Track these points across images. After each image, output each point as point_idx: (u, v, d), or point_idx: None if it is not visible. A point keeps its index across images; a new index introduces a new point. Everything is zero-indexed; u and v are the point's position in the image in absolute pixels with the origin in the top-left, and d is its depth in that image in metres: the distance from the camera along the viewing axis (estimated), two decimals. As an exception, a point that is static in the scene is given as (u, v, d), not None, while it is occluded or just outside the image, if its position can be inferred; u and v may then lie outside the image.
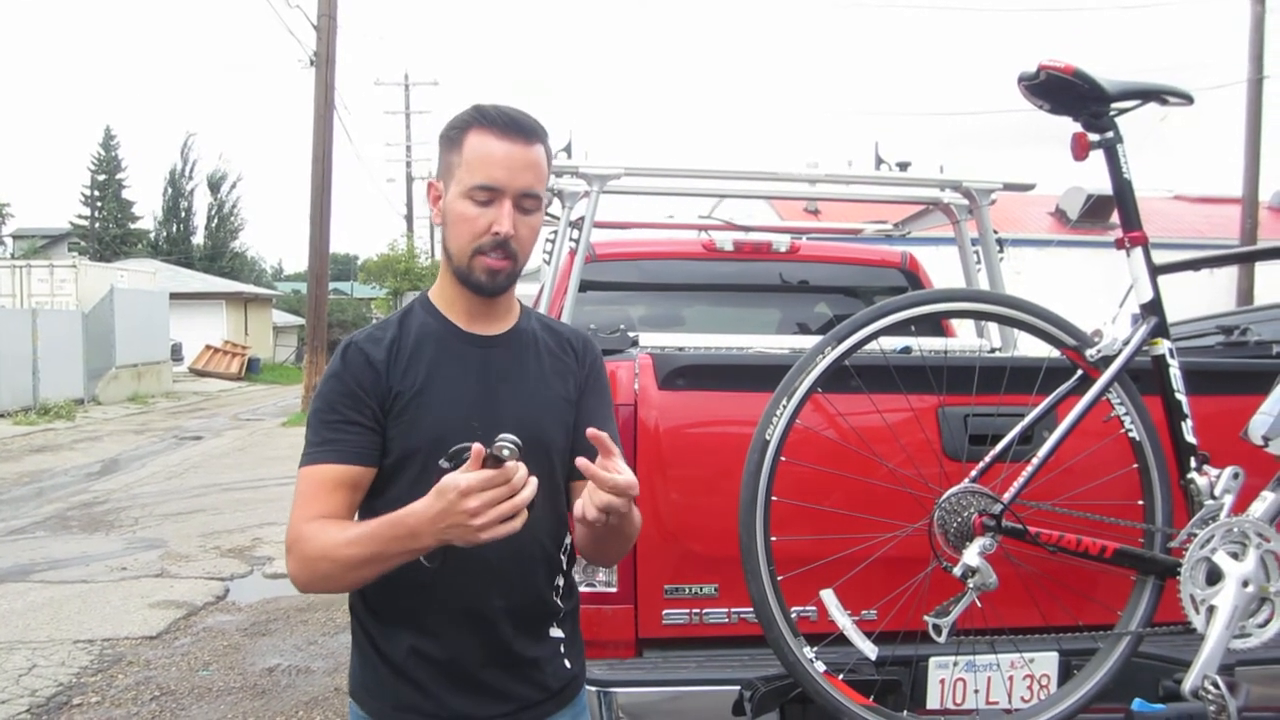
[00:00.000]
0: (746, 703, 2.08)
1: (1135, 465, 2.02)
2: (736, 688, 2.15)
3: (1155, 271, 2.07)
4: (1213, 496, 1.98)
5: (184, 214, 49.43)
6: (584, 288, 3.75)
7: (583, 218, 3.64)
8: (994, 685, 2.29)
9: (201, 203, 49.97)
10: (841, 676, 1.86)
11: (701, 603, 2.35)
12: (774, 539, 1.84)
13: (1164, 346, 2.03)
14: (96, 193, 46.41)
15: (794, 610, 1.94)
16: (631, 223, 4.82)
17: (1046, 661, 2.34)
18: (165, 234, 48.59)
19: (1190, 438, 2.02)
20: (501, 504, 1.37)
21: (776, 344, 3.45)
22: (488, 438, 1.39)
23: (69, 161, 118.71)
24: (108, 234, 45.51)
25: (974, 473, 1.92)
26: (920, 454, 2.25)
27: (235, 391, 26.09)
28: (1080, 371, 2.01)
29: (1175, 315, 2.55)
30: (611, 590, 2.35)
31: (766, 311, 4.54)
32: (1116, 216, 2.12)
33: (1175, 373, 2.03)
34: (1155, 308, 2.04)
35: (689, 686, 2.27)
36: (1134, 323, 2.03)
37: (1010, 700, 2.30)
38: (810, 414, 2.13)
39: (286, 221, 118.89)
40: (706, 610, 2.35)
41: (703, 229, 4.55)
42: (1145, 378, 2.06)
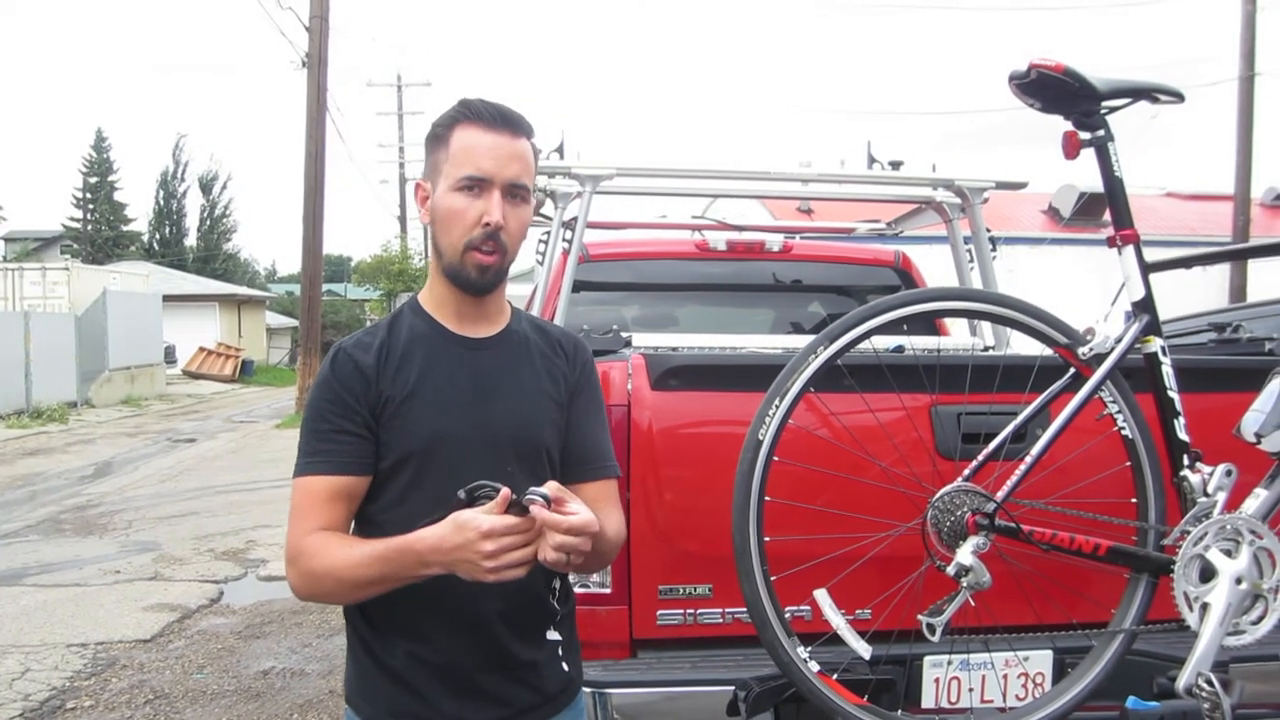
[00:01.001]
0: (741, 703, 2.07)
1: (1128, 463, 2.02)
2: (731, 688, 2.15)
3: (1147, 269, 2.07)
4: (1205, 494, 1.99)
5: (176, 216, 49.26)
6: (577, 288, 3.75)
7: (575, 218, 3.64)
8: (989, 684, 2.30)
9: (194, 205, 49.94)
10: (835, 676, 1.85)
11: (696, 603, 2.35)
12: (767, 539, 1.83)
13: (1156, 344, 2.03)
14: (88, 195, 46.22)
15: (788, 610, 1.94)
16: (624, 223, 4.82)
17: (1041, 660, 2.34)
18: (158, 236, 48.42)
19: (1183, 435, 2.02)
20: (516, 551, 1.41)
21: (770, 344, 3.45)
22: (481, 441, 1.39)
23: (60, 164, 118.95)
24: (100, 236, 45.40)
25: (967, 471, 1.92)
26: (914, 453, 2.25)
27: (229, 394, 26.04)
28: (1073, 370, 2.01)
29: (1169, 313, 2.56)
30: (606, 591, 2.35)
31: (760, 311, 4.55)
32: (1109, 214, 2.13)
33: (1167, 370, 2.03)
34: (1147, 305, 2.04)
35: (684, 687, 2.27)
36: (1126, 320, 2.03)
37: (1005, 699, 2.30)
38: (803, 414, 2.12)
39: (280, 224, 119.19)
40: (701, 610, 2.35)
41: (696, 229, 4.55)
42: (1137, 375, 2.06)
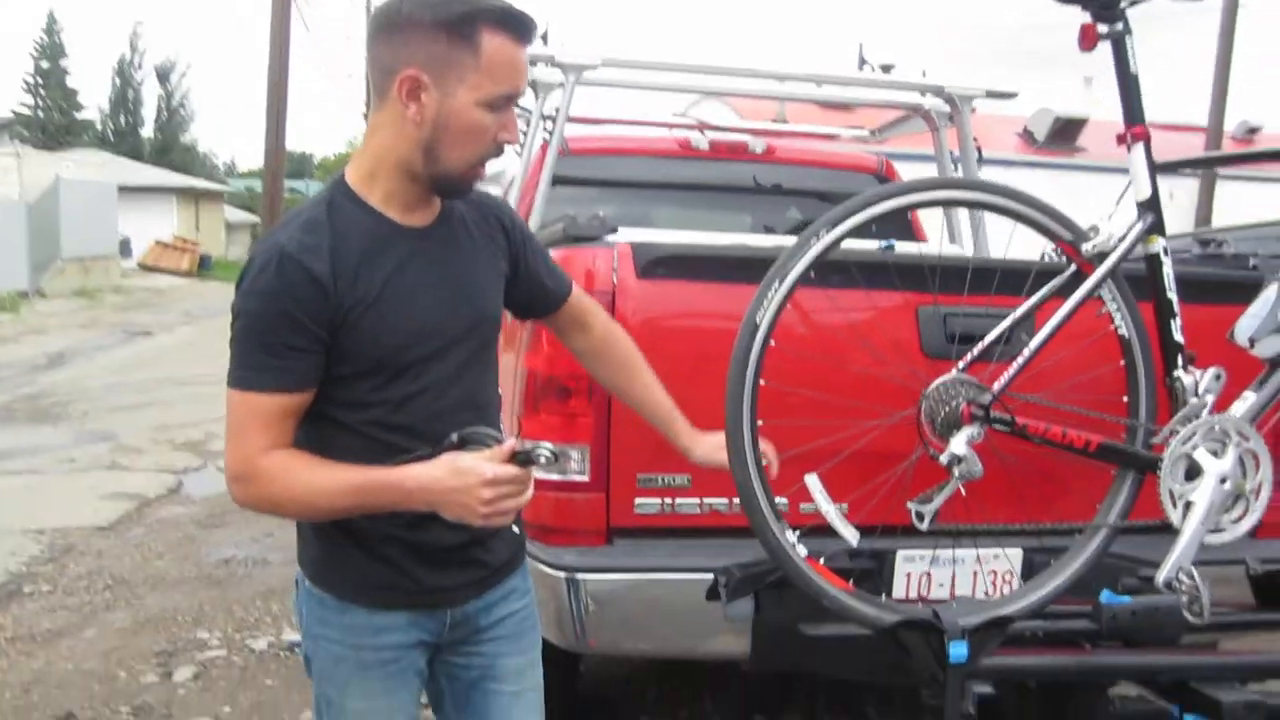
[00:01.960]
0: (721, 588, 2.07)
1: (1122, 362, 2.01)
2: (709, 575, 2.14)
3: (1155, 169, 2.03)
4: (1196, 395, 1.99)
5: (133, 106, 47.83)
6: (556, 183, 3.64)
7: (557, 109, 3.52)
8: (959, 579, 2.32)
9: (151, 95, 48.45)
10: (823, 561, 1.85)
11: (674, 492, 2.33)
12: (760, 423, 1.80)
13: (1159, 244, 2.00)
14: (39, 80, 44.52)
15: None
16: (606, 119, 4.69)
17: (1012, 558, 2.37)
18: (113, 126, 47.00)
19: (1178, 336, 2.00)
20: (511, 500, 1.41)
21: (750, 244, 3.39)
22: (445, 337, 1.48)
23: (9, 47, 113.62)
24: (52, 123, 43.78)
25: (962, 363, 1.89)
26: (910, 350, 2.22)
27: (186, 288, 25.49)
28: (1074, 266, 1.97)
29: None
30: (583, 479, 2.32)
31: (739, 214, 4.47)
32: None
33: (1168, 271, 2.01)
34: (1153, 204, 2.00)
35: (660, 573, 2.27)
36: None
37: (973, 595, 2.33)
38: (801, 305, 2.08)
39: (240, 118, 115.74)
40: (679, 500, 2.33)
41: (680, 127, 4.45)
42: (1135, 280, 2.04)
